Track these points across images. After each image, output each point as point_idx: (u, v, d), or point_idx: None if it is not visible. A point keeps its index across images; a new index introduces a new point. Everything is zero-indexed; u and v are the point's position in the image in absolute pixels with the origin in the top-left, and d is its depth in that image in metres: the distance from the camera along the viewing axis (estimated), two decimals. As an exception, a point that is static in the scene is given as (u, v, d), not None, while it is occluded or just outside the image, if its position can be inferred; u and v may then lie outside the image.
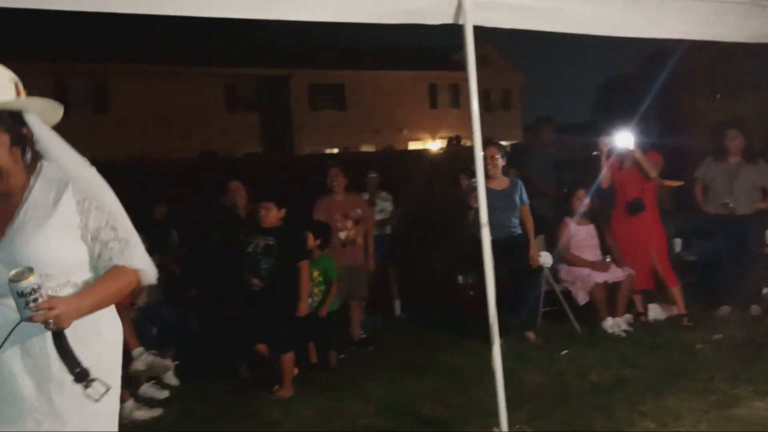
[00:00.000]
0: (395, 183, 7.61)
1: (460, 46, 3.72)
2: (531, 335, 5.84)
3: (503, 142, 7.95)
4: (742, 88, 12.59)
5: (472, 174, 6.12)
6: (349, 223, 6.08)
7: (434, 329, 6.45)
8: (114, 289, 2.10)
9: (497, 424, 3.73)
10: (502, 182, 5.90)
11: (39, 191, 2.05)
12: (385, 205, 7.09)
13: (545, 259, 6.16)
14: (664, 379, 4.59)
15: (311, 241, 5.47)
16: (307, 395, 4.84)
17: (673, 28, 4.66)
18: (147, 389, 5.02)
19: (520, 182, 6.03)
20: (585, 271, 6.14)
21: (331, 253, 5.93)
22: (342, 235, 6.05)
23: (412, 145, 28.44)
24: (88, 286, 2.08)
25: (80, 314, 1.97)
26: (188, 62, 25.06)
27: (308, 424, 4.34)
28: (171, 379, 5.29)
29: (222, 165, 14.87)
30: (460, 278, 7.08)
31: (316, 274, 5.50)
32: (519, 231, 5.92)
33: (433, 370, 5.23)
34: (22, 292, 1.81)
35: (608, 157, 6.26)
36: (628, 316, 6.14)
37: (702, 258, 7.39)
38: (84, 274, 2.10)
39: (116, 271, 2.10)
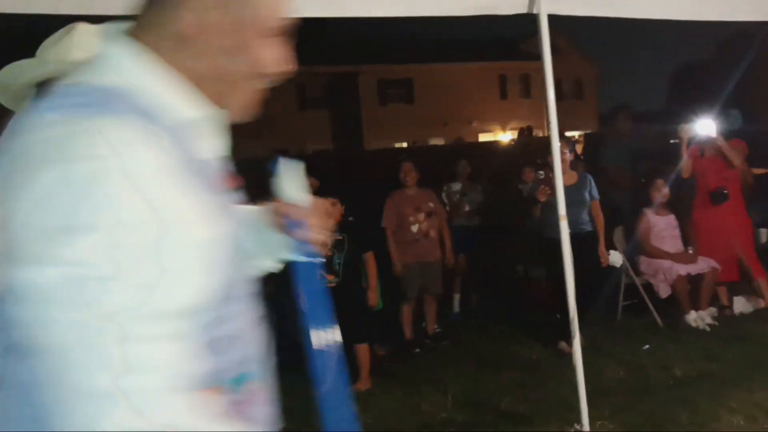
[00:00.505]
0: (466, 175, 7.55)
1: (529, 35, 3.69)
2: (565, 347, 5.25)
3: (576, 132, 7.83)
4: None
5: (539, 167, 6.06)
6: (421, 216, 6.09)
7: (505, 324, 6.38)
8: None
9: (578, 419, 3.67)
10: (570, 177, 5.68)
11: None
12: (474, 196, 7.05)
13: (615, 257, 5.98)
14: (750, 374, 4.43)
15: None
16: (386, 388, 4.88)
17: (750, 11, 4.47)
18: None
19: (589, 177, 5.85)
20: (666, 263, 5.97)
21: (402, 247, 5.96)
22: (414, 228, 6.06)
23: (483, 137, 28.22)
24: None
25: None
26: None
27: (388, 418, 4.38)
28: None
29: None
30: (529, 272, 6.98)
31: None
32: (589, 228, 5.74)
33: (510, 364, 5.20)
34: None
35: (689, 145, 6.07)
36: (713, 310, 5.94)
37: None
38: None
39: None
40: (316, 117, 28.33)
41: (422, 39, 27.28)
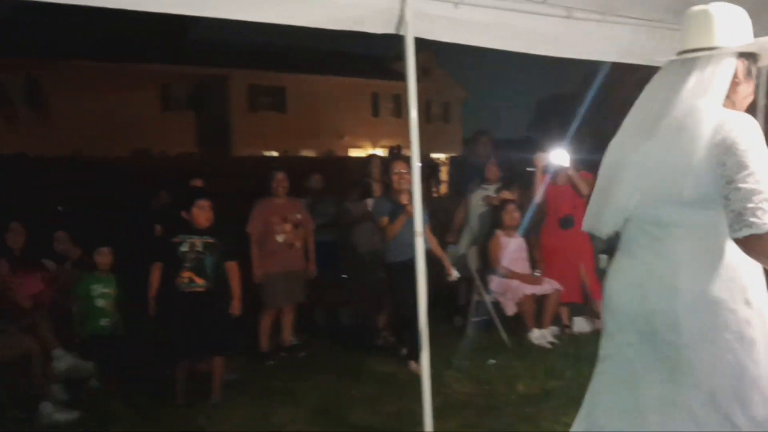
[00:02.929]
0: (335, 189, 7.57)
1: (402, 56, 3.74)
2: (414, 366, 5.21)
3: (443, 155, 8.07)
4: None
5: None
6: (288, 227, 6.03)
7: (365, 338, 6.44)
8: None
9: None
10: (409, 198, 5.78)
11: None
12: (324, 210, 7.03)
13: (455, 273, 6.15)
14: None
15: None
16: (236, 400, 4.77)
17: (610, 51, 4.81)
18: (60, 392, 4.84)
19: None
20: (514, 282, 6.26)
21: (266, 256, 5.88)
22: (280, 238, 6.00)
23: (353, 152, 28.45)
24: None
25: None
26: (122, 59, 24.36)
27: (237, 430, 4.28)
28: (93, 382, 5.13)
29: (154, 164, 14.57)
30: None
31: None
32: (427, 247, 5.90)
33: (365, 378, 5.23)
34: None
35: (543, 172, 6.41)
36: (554, 329, 6.28)
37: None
38: None
39: None
40: (180, 119, 27.42)
41: (297, 49, 27.16)
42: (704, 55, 2.21)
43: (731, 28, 2.24)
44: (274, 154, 24.95)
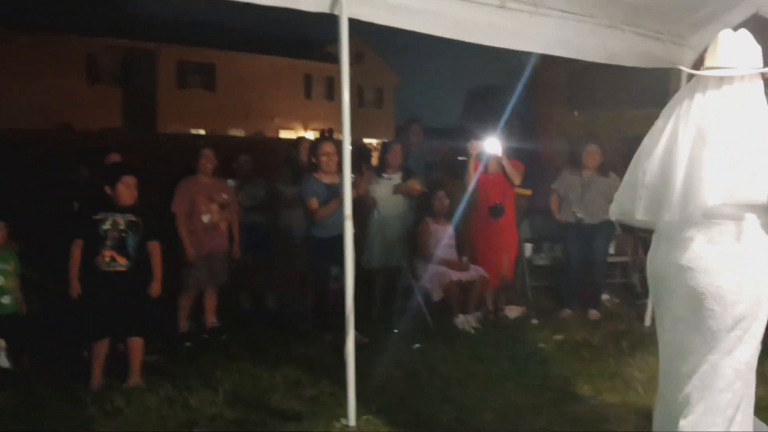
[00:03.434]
0: (265, 171, 7.44)
1: (336, 38, 3.70)
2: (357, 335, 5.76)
3: (374, 140, 8.05)
4: (597, 106, 13.43)
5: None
6: (214, 207, 5.91)
7: (293, 321, 6.40)
8: None
9: (345, 415, 3.76)
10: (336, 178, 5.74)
11: None
12: (254, 192, 6.91)
13: None
14: (508, 375, 4.81)
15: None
16: (154, 383, 4.67)
17: (540, 42, 4.90)
18: None
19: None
20: (441, 268, 6.32)
21: (193, 237, 5.75)
22: (205, 219, 5.87)
23: (284, 134, 28.14)
24: None
25: None
26: (46, 29, 23.28)
27: (154, 413, 4.18)
28: (3, 360, 4.92)
29: (77, 138, 14.01)
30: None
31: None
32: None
33: (287, 361, 5.19)
34: None
35: (476, 160, 6.48)
36: (479, 314, 6.38)
37: (551, 262, 7.83)
38: None
39: None
40: (106, 93, 26.48)
41: (230, 26, 26.61)
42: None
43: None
44: (202, 132, 24.43)
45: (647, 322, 6.04)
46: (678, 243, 2.79)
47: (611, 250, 7.35)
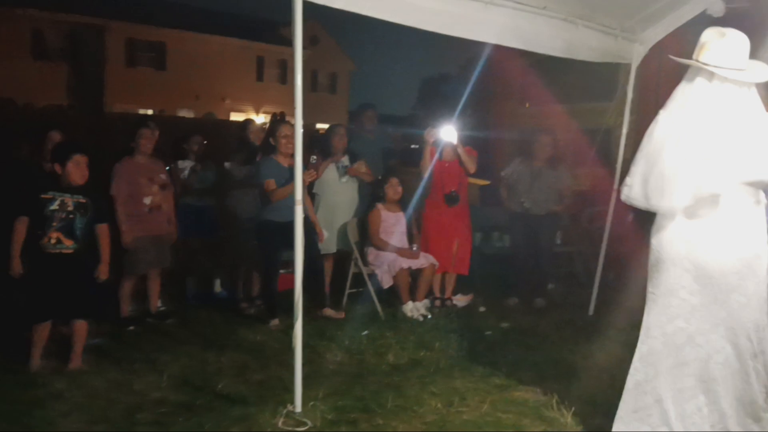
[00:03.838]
0: (215, 153, 7.32)
1: (290, 20, 3.66)
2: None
3: (327, 125, 7.99)
4: (549, 99, 13.61)
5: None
6: (155, 188, 5.79)
7: (240, 305, 6.34)
8: None
9: (292, 400, 3.75)
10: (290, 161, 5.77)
11: None
12: (207, 175, 6.80)
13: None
14: (454, 362, 4.87)
15: None
16: (97, 366, 4.59)
17: (493, 33, 4.93)
18: None
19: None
20: (391, 256, 6.34)
21: (133, 219, 5.63)
22: (147, 201, 5.74)
23: (234, 116, 27.76)
24: None
25: None
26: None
27: (98, 397, 4.10)
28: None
29: (20, 115, 13.54)
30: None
31: None
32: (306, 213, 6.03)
33: (235, 346, 5.15)
34: None
35: (433, 147, 6.50)
36: (427, 302, 6.43)
37: (499, 252, 7.92)
38: None
39: None
40: (52, 69, 25.69)
41: (182, 4, 26.08)
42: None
43: None
44: (150, 112, 23.91)
45: (591, 311, 6.19)
46: (686, 223, 3.11)
47: (557, 240, 7.49)
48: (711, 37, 3.10)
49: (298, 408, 3.75)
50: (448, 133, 6.44)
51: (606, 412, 3.79)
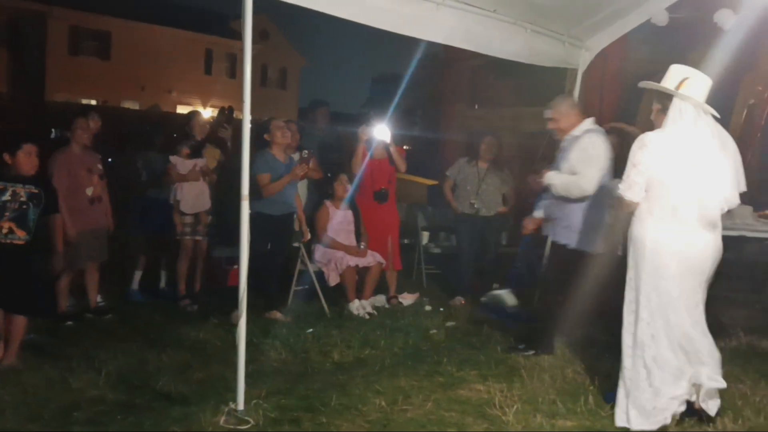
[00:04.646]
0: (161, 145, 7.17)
1: (240, 13, 3.61)
2: (277, 314, 5.88)
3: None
4: (497, 102, 13.77)
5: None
6: (95, 179, 5.65)
7: (182, 302, 6.23)
8: None
9: (234, 399, 3.70)
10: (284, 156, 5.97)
11: None
12: (155, 166, 6.64)
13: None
14: (399, 361, 4.88)
15: None
16: (33, 363, 4.45)
17: (444, 35, 4.96)
18: None
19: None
20: (339, 253, 6.32)
21: (75, 212, 5.47)
22: (89, 191, 5.60)
23: (181, 109, 27.29)
24: None
25: None
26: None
27: (34, 395, 3.97)
28: None
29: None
30: (216, 251, 6.87)
31: None
32: (295, 209, 6.17)
33: (176, 344, 5.06)
34: None
35: (366, 145, 6.52)
36: (374, 300, 6.43)
37: (445, 251, 7.97)
38: None
39: None
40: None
41: (129, -6, 25.53)
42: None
43: None
44: (93, 102, 23.32)
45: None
46: (685, 230, 3.62)
47: (503, 241, 7.59)
48: (691, 72, 3.64)
49: (241, 406, 3.70)
50: (381, 131, 6.49)
51: (546, 411, 3.87)
